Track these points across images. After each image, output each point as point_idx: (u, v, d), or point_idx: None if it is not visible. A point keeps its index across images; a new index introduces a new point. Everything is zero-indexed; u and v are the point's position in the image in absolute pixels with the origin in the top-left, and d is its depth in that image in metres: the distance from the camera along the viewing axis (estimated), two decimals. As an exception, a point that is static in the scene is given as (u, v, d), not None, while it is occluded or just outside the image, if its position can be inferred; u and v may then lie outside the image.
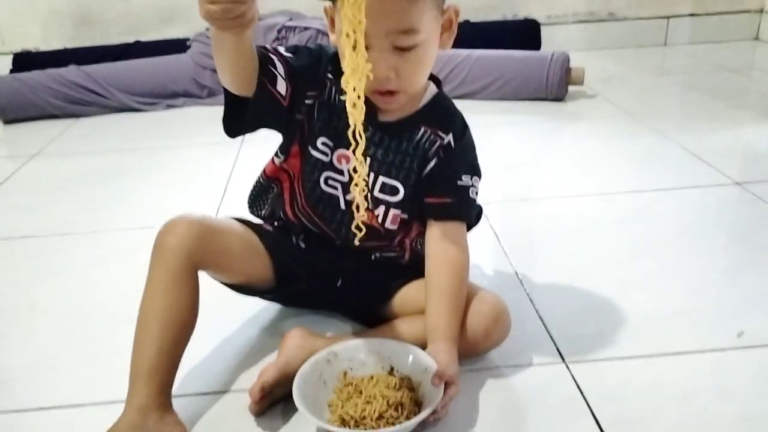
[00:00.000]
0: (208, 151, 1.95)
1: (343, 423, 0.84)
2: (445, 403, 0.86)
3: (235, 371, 1.02)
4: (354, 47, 0.79)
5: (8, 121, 2.39)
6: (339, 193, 1.01)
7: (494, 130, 2.06)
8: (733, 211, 1.49)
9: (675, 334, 1.06)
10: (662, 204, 1.53)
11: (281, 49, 0.96)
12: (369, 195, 0.97)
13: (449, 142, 1.00)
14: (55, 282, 1.31)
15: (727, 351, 1.01)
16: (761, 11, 3.01)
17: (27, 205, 1.70)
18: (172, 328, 0.89)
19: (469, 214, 1.03)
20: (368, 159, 0.94)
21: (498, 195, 1.60)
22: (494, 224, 1.43)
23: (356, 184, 0.86)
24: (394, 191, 1.00)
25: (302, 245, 1.07)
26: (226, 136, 0.96)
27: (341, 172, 0.99)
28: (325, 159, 0.99)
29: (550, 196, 1.62)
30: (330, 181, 1.01)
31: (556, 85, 2.31)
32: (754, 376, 0.96)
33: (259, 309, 1.15)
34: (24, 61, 2.63)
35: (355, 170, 0.86)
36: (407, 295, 1.04)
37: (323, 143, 0.99)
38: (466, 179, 1.00)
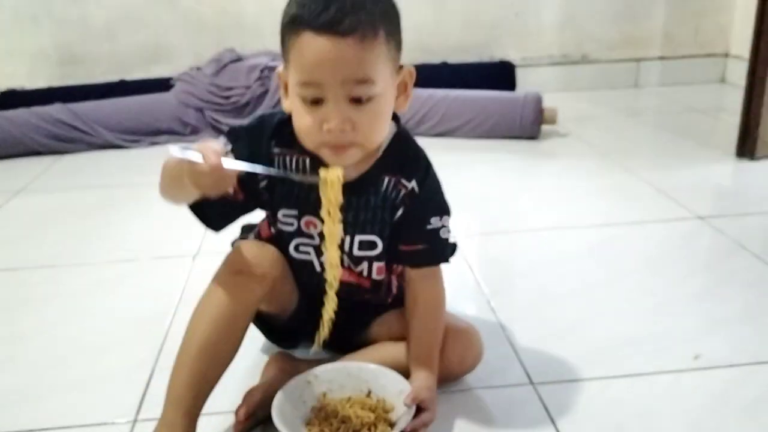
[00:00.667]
0: (191, 186, 1.98)
1: (320, 441, 0.88)
2: (416, 427, 0.91)
3: (220, 394, 1.04)
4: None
5: (-7, 158, 2.42)
6: (312, 257, 1.01)
7: (470, 167, 2.12)
8: (695, 244, 1.55)
9: (636, 357, 1.11)
10: (629, 237, 1.59)
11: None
12: (348, 256, 1.00)
13: (413, 188, 0.98)
14: (39, 312, 1.34)
15: (684, 372, 1.07)
16: (726, 55, 3.13)
17: (12, 238, 1.74)
18: (227, 359, 0.94)
19: (444, 255, 1.03)
20: (339, 224, 0.95)
21: (473, 228, 1.66)
22: (469, 256, 1.49)
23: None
24: (372, 246, 1.00)
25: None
26: None
27: (311, 236, 0.99)
28: (292, 228, 0.99)
29: (522, 229, 1.68)
30: (301, 247, 1.01)
31: (530, 125, 2.38)
32: (708, 395, 1.02)
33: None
34: (9, 99, 2.66)
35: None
36: (383, 322, 1.08)
37: (285, 215, 0.99)
38: (435, 221, 0.99)
